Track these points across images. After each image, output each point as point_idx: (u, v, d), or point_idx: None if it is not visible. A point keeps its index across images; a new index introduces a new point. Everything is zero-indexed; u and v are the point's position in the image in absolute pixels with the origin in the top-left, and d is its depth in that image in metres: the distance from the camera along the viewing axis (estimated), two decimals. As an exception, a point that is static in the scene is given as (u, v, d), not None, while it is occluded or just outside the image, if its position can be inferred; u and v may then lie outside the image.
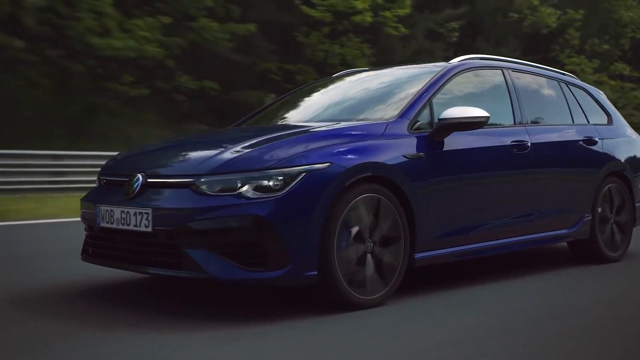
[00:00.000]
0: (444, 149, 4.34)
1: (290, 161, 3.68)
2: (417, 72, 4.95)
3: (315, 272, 3.66)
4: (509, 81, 5.15)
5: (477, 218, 4.53)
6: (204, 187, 3.61)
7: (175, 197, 3.68)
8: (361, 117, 4.48)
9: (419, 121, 4.32)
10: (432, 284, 4.54)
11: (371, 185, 3.91)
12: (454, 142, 4.40)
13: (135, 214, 3.75)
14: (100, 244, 4.06)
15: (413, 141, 4.21)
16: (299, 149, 3.77)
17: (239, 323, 3.52)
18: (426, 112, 4.39)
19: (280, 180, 3.61)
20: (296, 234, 3.60)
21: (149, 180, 3.81)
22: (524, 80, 5.35)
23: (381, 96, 4.80)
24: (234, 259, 3.57)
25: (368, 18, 22.06)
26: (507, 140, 4.82)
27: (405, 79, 4.94)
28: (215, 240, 3.58)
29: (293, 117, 5.08)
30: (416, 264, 4.15)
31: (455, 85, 4.74)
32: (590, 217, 5.44)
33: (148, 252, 3.77)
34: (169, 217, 3.63)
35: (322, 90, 5.43)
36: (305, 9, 21.21)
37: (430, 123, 4.37)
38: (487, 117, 4.37)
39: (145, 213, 3.70)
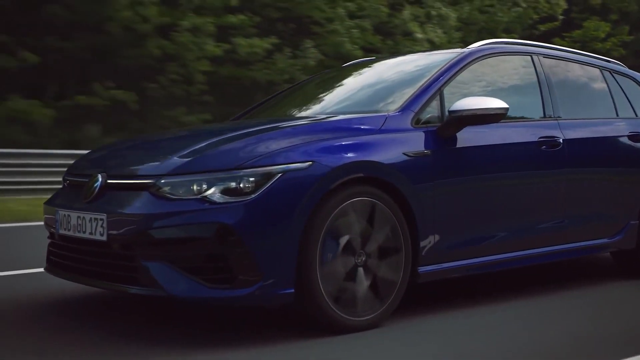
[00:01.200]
0: (455, 146, 3.75)
1: (264, 159, 3.15)
2: (434, 60, 4.35)
3: (292, 290, 3.12)
4: (539, 68, 4.49)
5: (494, 226, 3.91)
6: (164, 189, 3.12)
7: (132, 200, 3.20)
8: (367, 110, 3.91)
9: (425, 114, 3.74)
10: (441, 303, 3.95)
11: (364, 187, 3.36)
12: (467, 137, 3.80)
13: (90, 220, 3.28)
14: (60, 254, 3.62)
15: (417, 137, 3.64)
16: (276, 145, 3.25)
17: (220, 346, 3.02)
18: (435, 104, 3.81)
19: (252, 181, 3.09)
20: (268, 245, 3.07)
21: (109, 181, 3.35)
22: (558, 67, 4.68)
23: (391, 87, 4.23)
24: (195, 275, 3.07)
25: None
26: (534, 136, 4.18)
27: (421, 67, 4.35)
28: (174, 252, 3.09)
29: (295, 110, 4.55)
30: (420, 279, 3.57)
31: (474, 74, 4.13)
32: (637, 224, 4.75)
33: (103, 265, 3.30)
34: (124, 224, 3.15)
35: (329, 82, 4.88)
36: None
37: (440, 117, 3.78)
38: (506, 109, 3.76)
39: (100, 219, 3.23)
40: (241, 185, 3.09)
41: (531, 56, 4.51)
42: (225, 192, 3.08)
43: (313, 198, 3.16)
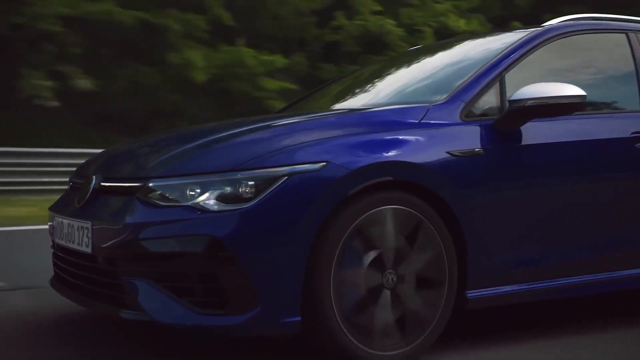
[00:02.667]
0: (517, 143, 3.07)
1: (267, 159, 2.63)
2: (508, 41, 3.64)
3: (299, 318, 2.58)
4: (638, 50, 3.70)
5: (566, 242, 3.17)
6: (153, 194, 2.66)
7: (117, 207, 2.76)
8: (414, 102, 3.28)
9: (480, 105, 3.09)
10: (492, 334, 3.28)
11: (394, 194, 2.76)
12: (533, 133, 3.11)
13: (78, 228, 2.88)
14: (59, 266, 3.24)
15: (467, 132, 2.99)
16: (284, 142, 2.71)
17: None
18: (493, 92, 3.14)
19: (251, 186, 2.58)
20: (268, 263, 2.54)
21: (102, 184, 2.93)
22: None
23: (449, 75, 3.57)
24: (183, 297, 2.59)
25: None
26: (626, 131, 3.40)
27: (491, 50, 3.65)
28: (160, 269, 2.62)
29: (336, 103, 3.97)
30: (469, 305, 2.94)
31: (549, 56, 3.40)
32: None
33: (91, 281, 2.89)
34: (107, 234, 2.72)
35: (382, 71, 4.25)
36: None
37: (499, 108, 3.12)
38: (582, 97, 3.04)
39: (85, 228, 2.82)
40: (240, 190, 2.58)
41: (626, 34, 3.72)
42: (222, 198, 2.58)
43: (326, 206, 2.60)
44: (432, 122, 2.96)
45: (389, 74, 4.08)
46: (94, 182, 2.95)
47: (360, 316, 2.67)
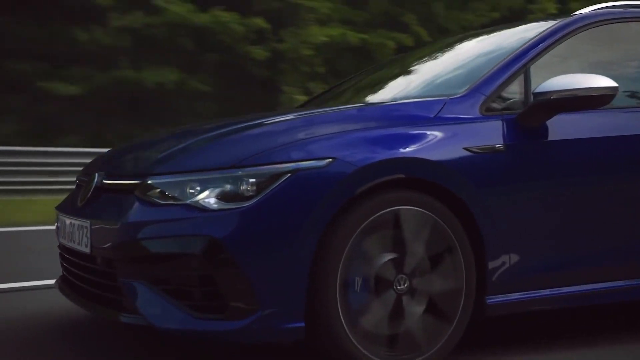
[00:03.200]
0: (541, 139, 2.87)
1: (269, 155, 2.48)
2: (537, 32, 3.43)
3: (302, 324, 2.43)
4: None
5: (596, 245, 2.95)
6: (152, 192, 2.53)
7: (116, 205, 2.65)
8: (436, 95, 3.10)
9: (503, 99, 2.90)
10: (513, 343, 3.08)
11: (406, 193, 2.59)
12: (560, 128, 2.90)
13: (78, 227, 2.78)
14: (64, 267, 3.14)
15: (487, 127, 2.80)
16: (288, 138, 2.56)
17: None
18: (517, 85, 2.94)
19: (252, 183, 2.43)
20: (269, 265, 2.40)
21: (104, 181, 2.82)
22: None
23: (473, 67, 3.37)
24: (181, 300, 2.46)
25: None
26: None
27: (522, 40, 3.43)
28: (157, 271, 2.49)
29: (363, 96, 3.81)
30: (489, 312, 2.75)
31: (579, 47, 3.19)
32: None
33: (90, 282, 2.78)
34: (104, 234, 2.61)
35: (406, 64, 4.07)
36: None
37: (524, 101, 2.92)
38: (614, 89, 2.83)
39: (85, 227, 2.71)
40: (240, 188, 2.44)
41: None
42: (221, 196, 2.45)
43: (332, 206, 2.45)
44: (448, 116, 2.78)
45: (416, 66, 3.87)
46: (95, 179, 2.85)
47: (367, 321, 2.51)
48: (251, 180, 2.43)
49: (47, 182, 12.35)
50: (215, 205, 2.43)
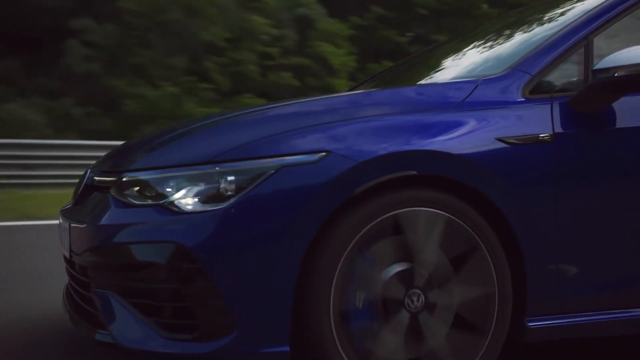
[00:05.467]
0: (600, 127, 2.33)
1: (252, 149, 2.10)
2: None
3: (287, 348, 2.05)
4: None
5: None
6: (127, 190, 2.23)
7: (94, 205, 2.37)
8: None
9: (556, 79, 2.38)
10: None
11: (421, 193, 2.15)
12: (625, 113, 2.35)
13: (63, 229, 2.53)
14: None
15: (529, 113, 2.30)
16: (275, 128, 2.17)
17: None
18: (573, 63, 2.42)
19: (231, 182, 2.07)
20: (247, 278, 2.02)
21: (95, 178, 2.54)
22: None
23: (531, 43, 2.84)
24: (149, 316, 2.13)
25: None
26: None
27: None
28: (126, 282, 2.18)
29: (414, 78, 3.34)
30: (530, 337, 2.25)
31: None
32: None
33: (73, 290, 2.52)
34: (80, 238, 2.34)
35: (460, 44, 3.54)
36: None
37: (583, 81, 2.38)
38: None
39: (66, 229, 2.45)
40: (218, 186, 2.08)
41: None
42: (198, 196, 2.10)
43: (324, 209, 2.05)
44: (481, 100, 2.30)
45: (471, 47, 3.37)
46: (87, 177, 2.59)
47: (376, 347, 2.09)
48: (229, 178, 2.07)
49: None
50: (189, 207, 2.08)
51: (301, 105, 2.38)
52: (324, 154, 2.07)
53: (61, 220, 2.62)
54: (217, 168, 2.09)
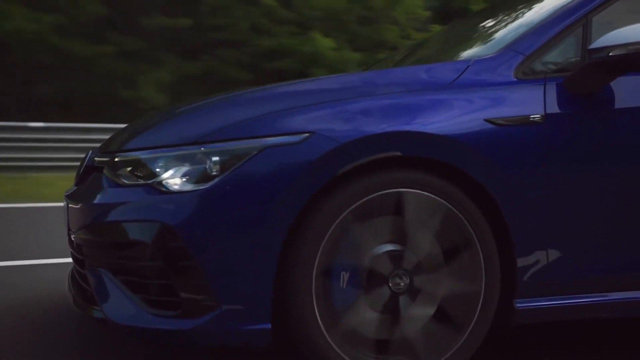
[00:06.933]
0: (594, 109, 2.29)
1: (236, 130, 2.13)
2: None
3: (268, 326, 2.07)
4: None
5: None
6: (119, 170, 2.28)
7: (88, 186, 2.44)
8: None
9: (551, 59, 2.34)
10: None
11: (405, 175, 2.14)
12: (620, 94, 2.30)
13: (64, 209, 2.60)
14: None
15: (521, 94, 2.27)
16: (260, 110, 2.18)
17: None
18: (571, 43, 2.37)
19: (216, 162, 2.10)
20: (228, 257, 2.05)
21: (95, 159, 2.60)
22: None
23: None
24: (138, 293, 2.18)
25: None
26: None
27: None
28: (117, 260, 2.23)
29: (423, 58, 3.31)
30: (518, 319, 2.24)
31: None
32: None
33: (75, 270, 2.59)
34: (75, 217, 2.40)
35: (465, 27, 3.48)
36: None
37: (580, 61, 2.34)
38: None
39: (65, 209, 2.52)
40: (204, 167, 2.11)
41: None
42: (185, 177, 2.14)
43: (306, 189, 2.06)
44: (471, 81, 2.28)
45: (479, 28, 3.32)
46: (87, 158, 2.65)
47: (351, 319, 2.11)
48: (214, 158, 2.10)
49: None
50: (176, 187, 2.12)
51: (287, 87, 2.39)
52: (307, 134, 2.08)
53: (64, 201, 2.69)
54: (202, 149, 2.12)
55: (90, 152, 2.69)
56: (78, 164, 2.93)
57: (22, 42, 14.26)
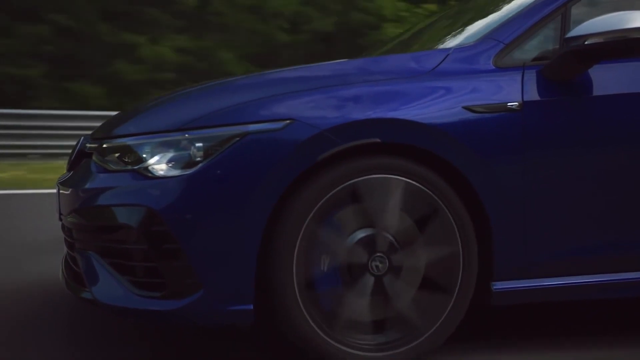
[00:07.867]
0: (570, 96, 2.33)
1: (218, 117, 2.18)
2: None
3: (251, 307, 2.14)
4: None
5: (634, 230, 2.38)
6: (108, 156, 2.34)
7: (79, 171, 2.51)
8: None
9: (530, 48, 2.39)
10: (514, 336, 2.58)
11: (385, 160, 2.20)
12: (596, 81, 2.35)
13: (56, 194, 2.66)
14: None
15: (499, 81, 2.32)
16: (243, 97, 2.24)
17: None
18: (550, 32, 2.42)
19: (199, 148, 2.16)
20: (211, 240, 2.11)
21: (87, 145, 2.67)
22: None
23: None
24: (125, 274, 2.25)
25: None
26: None
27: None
28: (104, 242, 2.29)
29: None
30: (494, 300, 2.30)
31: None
32: None
33: (67, 254, 2.65)
34: (66, 201, 2.47)
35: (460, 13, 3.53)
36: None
37: (558, 50, 2.39)
38: None
39: (57, 194, 2.59)
40: (188, 153, 2.17)
41: None
42: (170, 162, 2.20)
43: (287, 174, 2.12)
44: (451, 69, 2.33)
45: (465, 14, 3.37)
46: (79, 144, 2.72)
47: (330, 305, 2.18)
48: (197, 144, 2.16)
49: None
50: (161, 173, 2.18)
51: (271, 75, 2.44)
52: (288, 121, 2.14)
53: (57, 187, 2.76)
54: (187, 135, 2.18)
55: (82, 138, 2.75)
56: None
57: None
